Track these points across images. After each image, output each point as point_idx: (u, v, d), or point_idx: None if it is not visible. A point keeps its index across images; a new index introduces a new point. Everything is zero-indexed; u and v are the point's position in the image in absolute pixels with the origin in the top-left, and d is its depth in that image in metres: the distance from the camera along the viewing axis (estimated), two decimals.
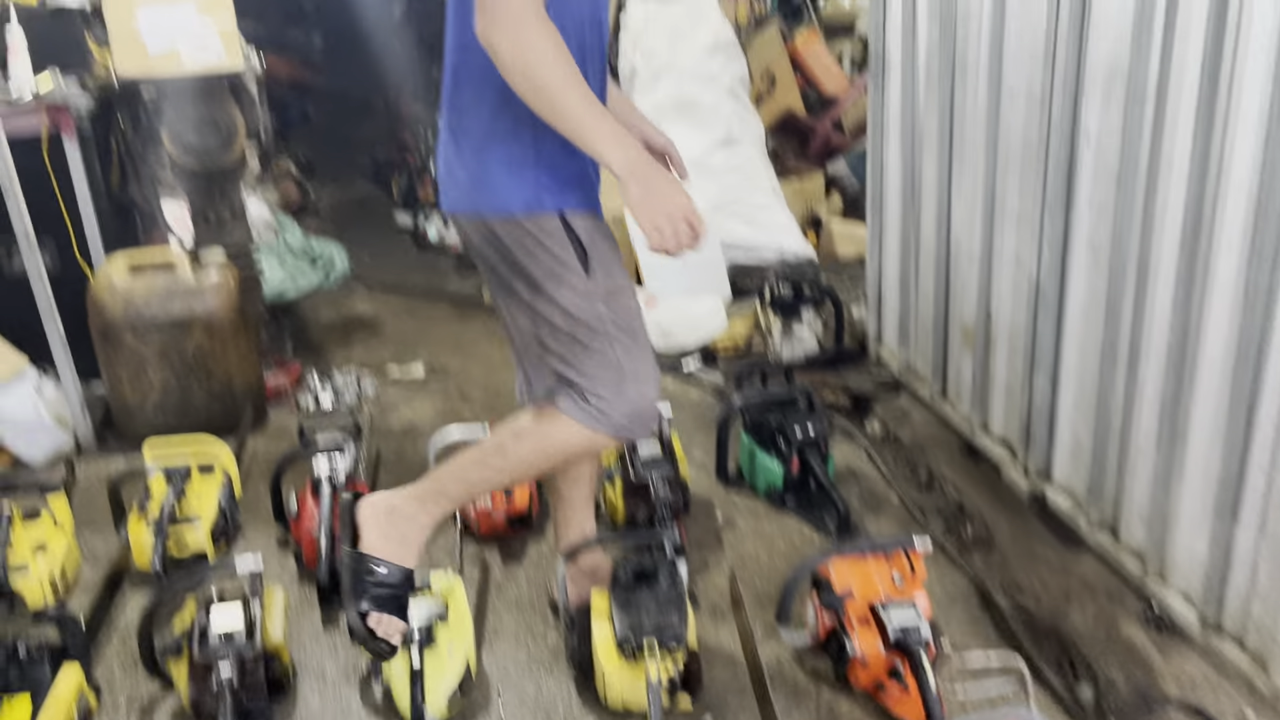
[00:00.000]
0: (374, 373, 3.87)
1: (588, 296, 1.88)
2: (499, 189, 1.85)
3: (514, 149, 1.85)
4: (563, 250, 1.88)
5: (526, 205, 1.86)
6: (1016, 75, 2.66)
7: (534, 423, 1.96)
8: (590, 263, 1.88)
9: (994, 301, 2.89)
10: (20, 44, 3.31)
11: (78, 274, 3.36)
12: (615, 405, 1.89)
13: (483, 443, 2.02)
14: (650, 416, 1.94)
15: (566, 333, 1.90)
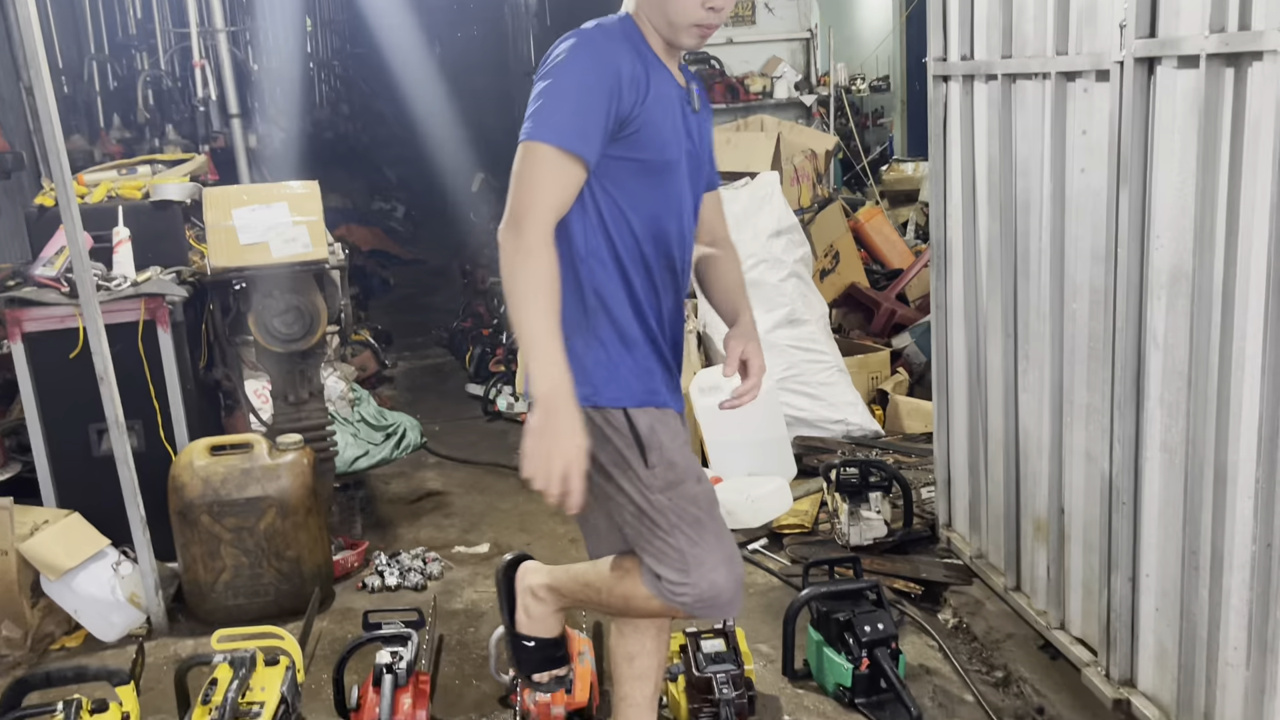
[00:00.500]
0: (441, 553, 3.88)
1: (649, 488, 1.95)
2: (574, 378, 1.88)
3: (589, 342, 1.97)
4: (624, 443, 1.96)
5: (592, 397, 1.94)
6: (1079, 271, 2.68)
7: (628, 575, 2.05)
8: (649, 456, 1.95)
9: (1066, 495, 2.83)
10: (125, 238, 3.54)
11: (162, 455, 3.48)
12: (683, 589, 1.95)
13: (594, 569, 2.14)
14: (724, 601, 1.98)
15: (633, 518, 1.98)
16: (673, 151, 1.96)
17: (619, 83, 1.82)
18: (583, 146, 1.80)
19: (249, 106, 6.62)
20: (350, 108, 12.79)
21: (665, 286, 2.04)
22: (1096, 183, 2.54)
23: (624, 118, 1.85)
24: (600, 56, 1.83)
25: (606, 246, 1.95)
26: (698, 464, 2.06)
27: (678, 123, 1.98)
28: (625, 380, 1.96)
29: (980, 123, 3.13)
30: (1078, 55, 2.57)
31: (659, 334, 2.05)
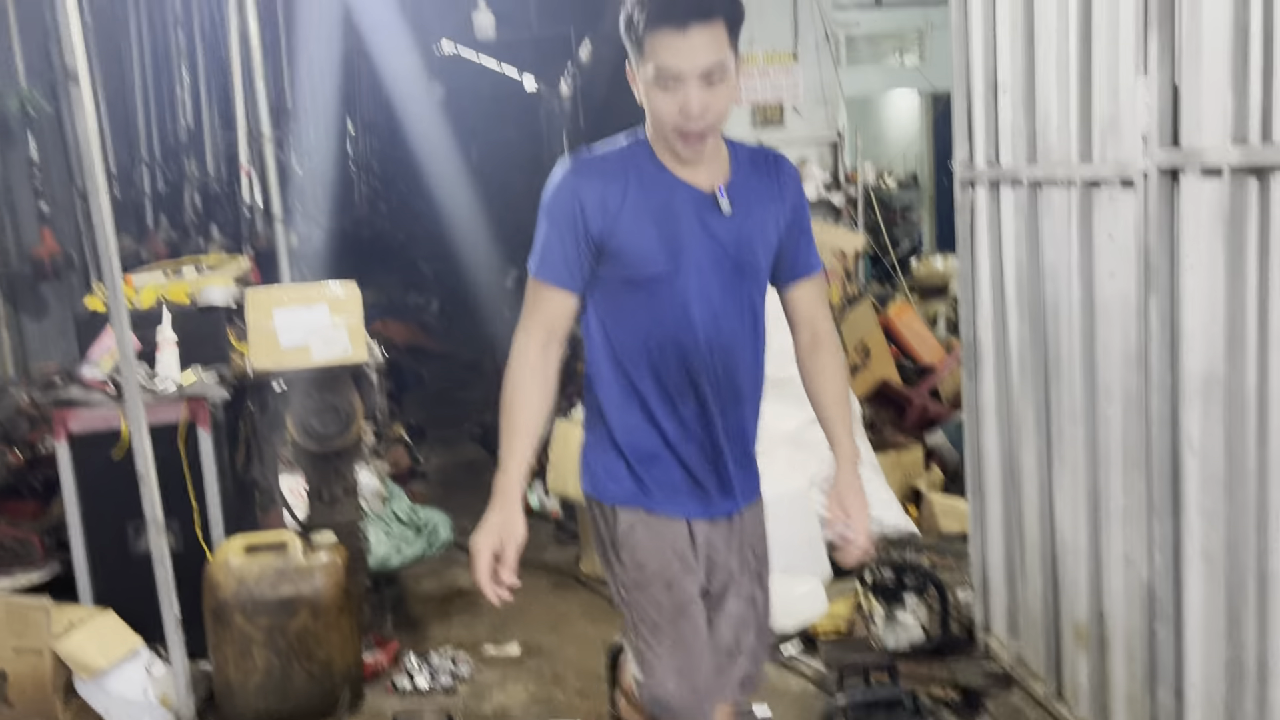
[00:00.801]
0: (470, 652, 3.86)
1: (620, 583, 2.10)
2: (583, 466, 2.14)
3: (595, 442, 2.13)
4: (607, 536, 2.11)
5: (590, 490, 2.13)
6: (1111, 375, 2.69)
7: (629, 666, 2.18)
8: (620, 553, 2.08)
9: (1106, 601, 2.79)
10: (170, 340, 3.63)
11: (198, 553, 3.51)
12: (642, 688, 2.08)
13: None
14: (676, 710, 2.04)
15: (620, 606, 2.13)
16: (661, 265, 1.99)
17: (580, 212, 1.96)
18: (551, 275, 2.00)
19: (291, 207, 6.82)
20: (388, 206, 13.11)
21: (684, 395, 2.05)
22: (1125, 288, 2.56)
23: (596, 241, 1.98)
24: (562, 191, 1.99)
25: (608, 360, 2.06)
26: (676, 572, 2.06)
27: (682, 230, 1.99)
28: (620, 479, 2.08)
29: (1008, 227, 3.17)
30: (1102, 164, 2.62)
31: (681, 441, 2.07)
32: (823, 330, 2.21)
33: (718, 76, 1.89)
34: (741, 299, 2.07)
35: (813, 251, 2.17)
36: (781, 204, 2.09)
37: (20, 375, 5.50)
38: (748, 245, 2.04)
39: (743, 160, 2.08)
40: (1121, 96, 2.51)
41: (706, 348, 2.04)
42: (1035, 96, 2.94)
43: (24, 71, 5.78)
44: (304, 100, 8.33)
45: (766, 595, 2.27)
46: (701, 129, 1.92)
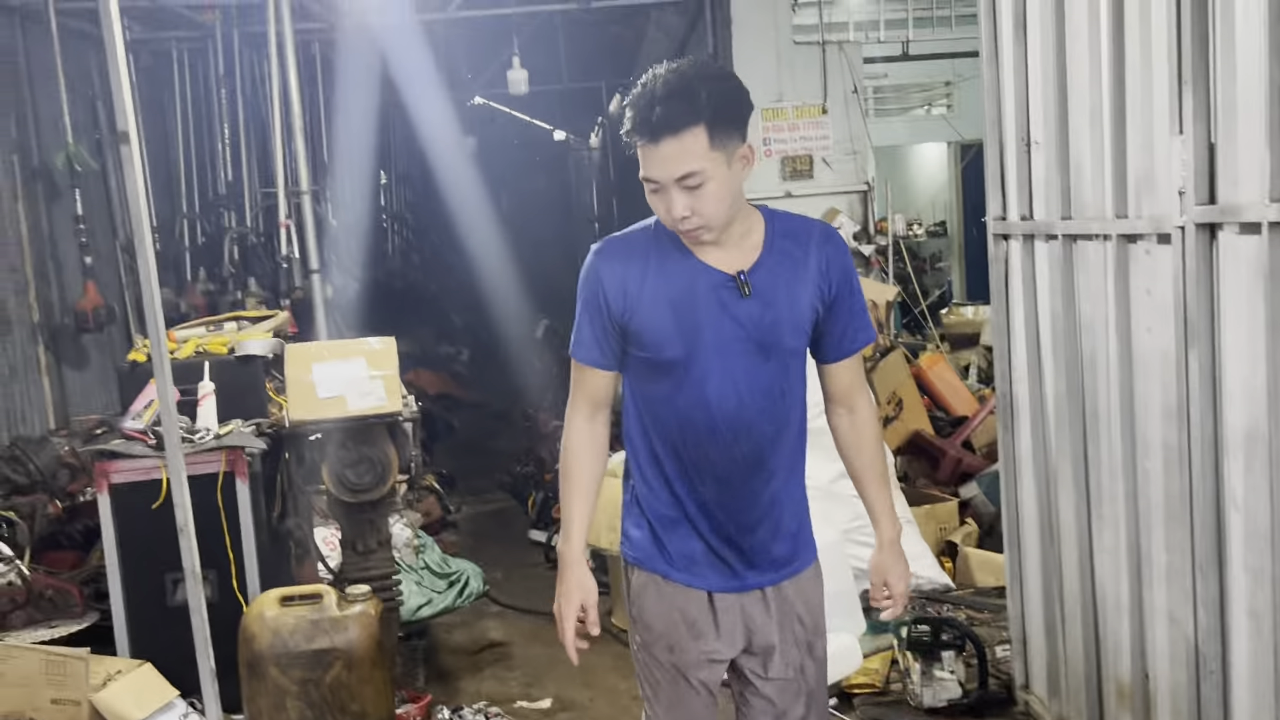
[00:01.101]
0: (502, 706, 3.84)
1: (632, 638, 2.20)
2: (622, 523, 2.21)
3: (629, 495, 2.20)
4: (626, 590, 2.19)
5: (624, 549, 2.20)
6: (1151, 429, 2.66)
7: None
8: (630, 609, 2.17)
9: (1150, 659, 2.74)
10: (209, 392, 3.68)
11: (234, 604, 3.53)
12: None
13: None
14: None
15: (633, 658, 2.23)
16: (677, 349, 2.01)
17: (604, 295, 2.05)
18: (584, 355, 2.11)
19: (327, 260, 6.93)
20: (420, 257, 13.27)
21: (703, 474, 2.08)
22: (1164, 342, 2.55)
23: (619, 323, 2.05)
24: (588, 274, 2.08)
25: (638, 428, 2.14)
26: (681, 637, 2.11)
27: (700, 314, 2.00)
28: (642, 543, 2.15)
29: (1042, 280, 3.17)
30: (1138, 219, 2.62)
31: (700, 515, 2.10)
32: (861, 408, 2.21)
33: (696, 181, 1.90)
34: (770, 379, 2.06)
35: (860, 326, 2.14)
36: (821, 281, 2.05)
37: (61, 426, 5.59)
38: (772, 328, 2.03)
39: (777, 238, 2.05)
40: (1156, 152, 2.52)
41: (727, 430, 2.05)
42: (1069, 151, 2.95)
43: (71, 128, 5.95)
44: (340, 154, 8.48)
45: (818, 665, 2.23)
46: (691, 228, 1.95)
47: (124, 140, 3.08)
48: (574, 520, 2.12)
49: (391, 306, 9.54)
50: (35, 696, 3.19)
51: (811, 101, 7.08)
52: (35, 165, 5.90)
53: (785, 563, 2.15)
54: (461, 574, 4.96)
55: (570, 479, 2.14)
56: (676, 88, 1.87)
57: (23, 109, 5.86)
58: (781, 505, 2.13)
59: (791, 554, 2.17)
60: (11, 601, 3.66)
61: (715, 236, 2.00)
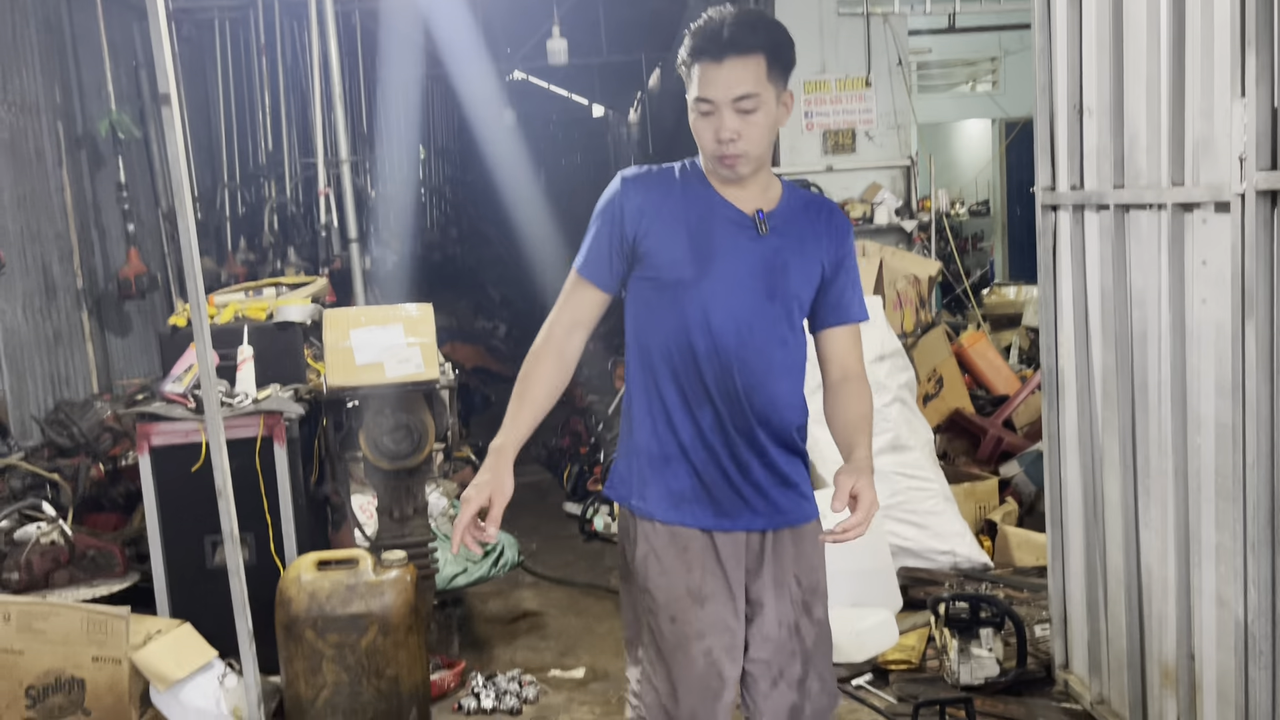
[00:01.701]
0: (536, 675, 3.84)
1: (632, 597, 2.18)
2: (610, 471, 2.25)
3: (625, 451, 2.21)
4: (624, 540, 2.18)
5: (608, 487, 2.23)
6: (1203, 405, 2.59)
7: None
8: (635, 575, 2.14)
9: (1197, 641, 2.68)
10: (248, 356, 3.70)
11: (271, 568, 3.56)
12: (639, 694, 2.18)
13: None
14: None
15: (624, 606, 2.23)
16: (687, 270, 2.08)
17: (621, 216, 2.11)
18: (588, 271, 2.14)
19: (366, 230, 6.95)
20: (458, 231, 13.29)
21: (701, 403, 2.11)
22: (1219, 314, 2.47)
23: (631, 242, 2.11)
24: (610, 194, 2.14)
25: (637, 364, 2.15)
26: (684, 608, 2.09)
27: (715, 242, 2.08)
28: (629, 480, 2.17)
29: (1092, 252, 3.09)
30: (1195, 187, 2.54)
31: (696, 446, 2.12)
32: (854, 371, 2.23)
33: (751, 105, 2.00)
34: (771, 323, 2.11)
35: (858, 300, 2.22)
36: (829, 244, 2.15)
37: (104, 390, 5.66)
38: (782, 269, 2.10)
39: (794, 200, 2.17)
40: (1216, 117, 2.44)
41: (726, 358, 2.08)
42: (1124, 117, 2.87)
43: (114, 96, 5.99)
44: (380, 126, 8.49)
45: (818, 628, 2.19)
46: (735, 153, 2.03)
47: (165, 102, 3.08)
48: (516, 420, 2.09)
49: (429, 279, 9.56)
50: (76, 654, 3.23)
51: (855, 74, 6.97)
52: (79, 133, 5.95)
53: (782, 511, 2.15)
54: (497, 544, 4.97)
55: (527, 380, 2.11)
56: (743, 18, 2.02)
57: (67, 76, 5.90)
58: (780, 452, 2.14)
59: (790, 505, 2.16)
60: (54, 561, 3.71)
61: (750, 172, 2.07)
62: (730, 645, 2.13)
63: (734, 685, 2.16)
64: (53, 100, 5.71)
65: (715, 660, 2.11)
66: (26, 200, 5.32)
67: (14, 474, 4.10)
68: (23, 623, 3.25)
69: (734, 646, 2.13)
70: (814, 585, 2.20)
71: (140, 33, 6.51)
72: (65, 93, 5.85)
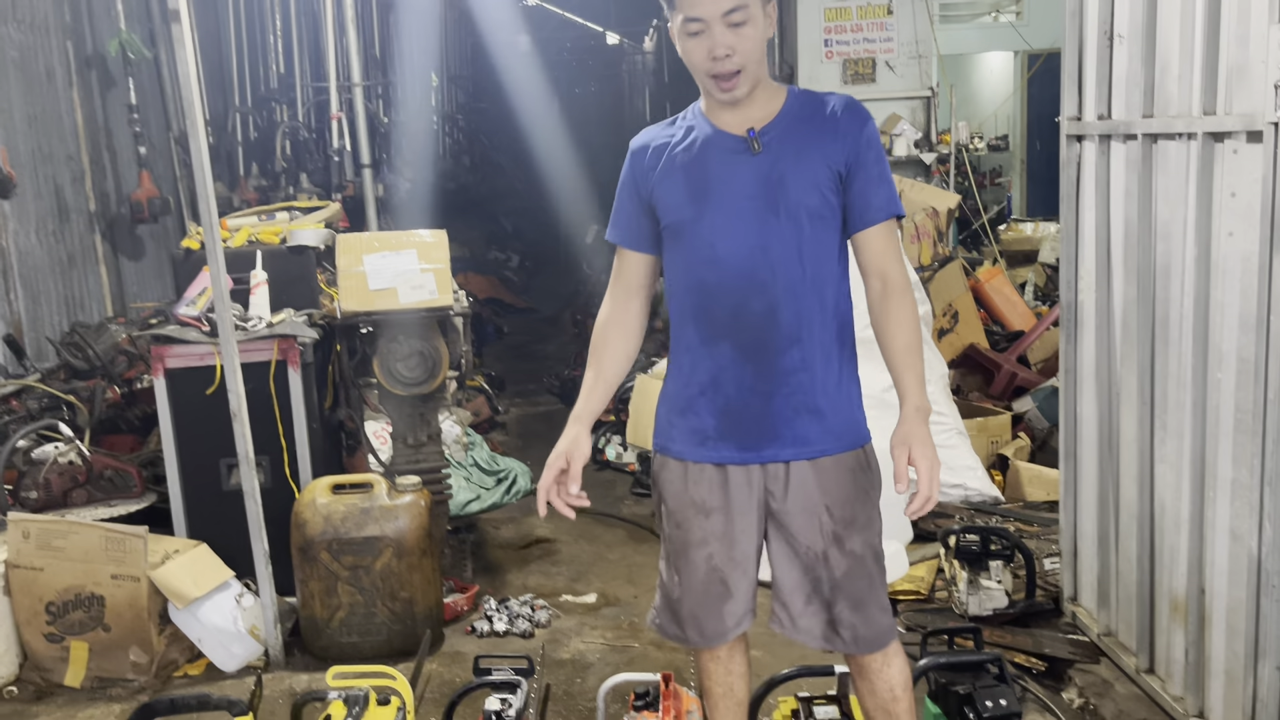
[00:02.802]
0: (548, 600, 3.89)
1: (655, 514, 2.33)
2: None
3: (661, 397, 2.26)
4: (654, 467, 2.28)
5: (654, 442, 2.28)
6: (1225, 339, 2.56)
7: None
8: (654, 488, 2.28)
9: (1208, 574, 2.68)
10: (262, 280, 3.69)
11: (286, 491, 3.59)
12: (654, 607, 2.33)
13: None
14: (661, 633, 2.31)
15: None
16: (686, 210, 2.09)
17: (633, 173, 2.18)
18: (617, 236, 2.24)
19: (378, 157, 6.88)
20: (471, 160, 13.17)
21: (720, 335, 2.10)
22: (1246, 247, 2.43)
23: (647, 199, 2.16)
24: (626, 160, 2.20)
25: (672, 314, 2.18)
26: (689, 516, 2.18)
27: (710, 174, 2.07)
28: (662, 428, 2.23)
29: (1117, 184, 3.04)
30: (1227, 115, 2.48)
31: (714, 384, 2.13)
32: (894, 279, 2.10)
33: (740, 17, 1.98)
34: (786, 239, 2.06)
35: (882, 196, 2.09)
36: (836, 143, 2.06)
37: (118, 314, 5.67)
38: (779, 183, 2.05)
39: (795, 105, 2.11)
40: (1252, 44, 2.37)
41: (738, 286, 2.07)
42: (1155, 45, 2.79)
43: (124, 16, 5.90)
44: (392, 51, 8.36)
45: (850, 560, 2.14)
46: (730, 69, 2.00)
47: (175, 19, 3.03)
48: (592, 391, 2.21)
49: (442, 208, 9.49)
50: (96, 571, 3.28)
51: (877, 1, 6.81)
52: (89, 53, 5.87)
53: (807, 441, 2.11)
54: (509, 472, 5.01)
55: (592, 353, 2.23)
56: None
57: None
58: (808, 377, 2.09)
59: (818, 435, 2.11)
60: (72, 480, 3.74)
61: (748, 89, 2.04)
62: (735, 557, 2.18)
63: (744, 596, 2.22)
64: (62, 19, 5.63)
65: (717, 567, 2.18)
66: (37, 120, 5.28)
67: (31, 395, 4.13)
68: (42, 540, 3.30)
69: (741, 559, 2.18)
70: (849, 517, 2.13)
71: None
72: (74, 11, 5.76)
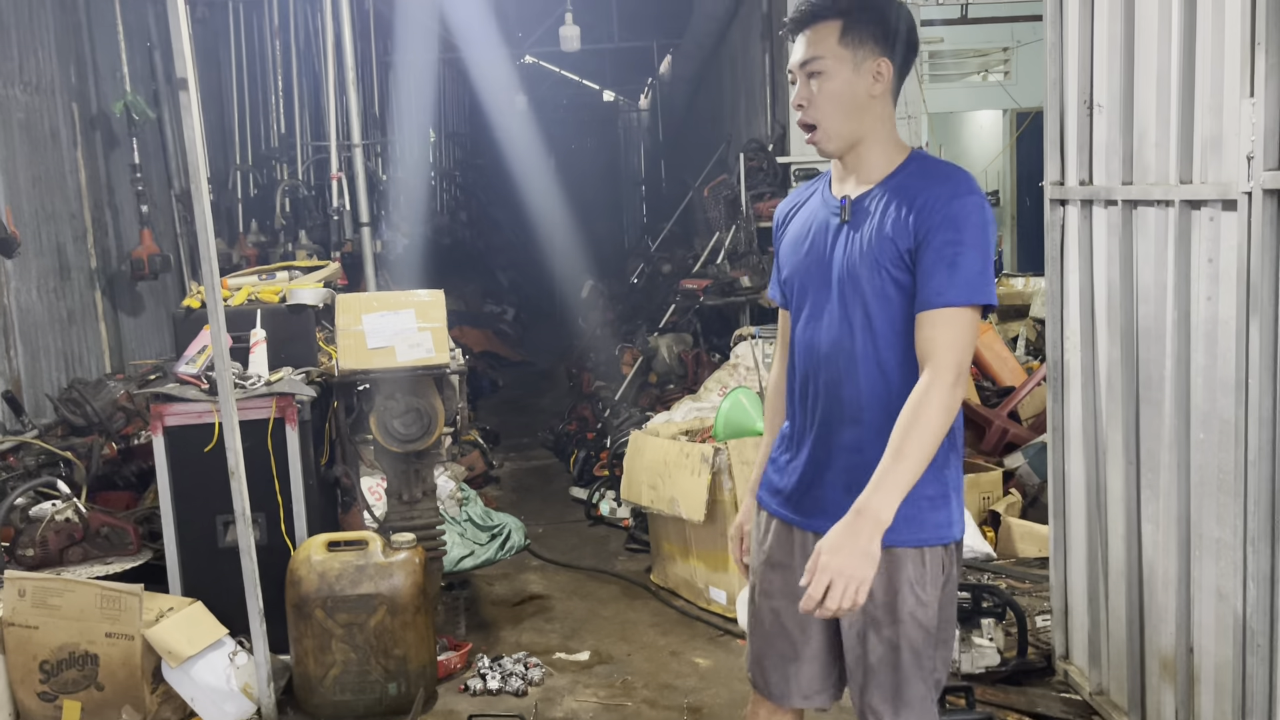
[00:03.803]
0: (542, 658, 3.89)
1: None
2: None
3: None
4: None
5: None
6: (1207, 401, 2.61)
7: None
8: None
9: (1196, 633, 2.71)
10: (261, 339, 3.74)
11: (281, 548, 3.60)
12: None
13: None
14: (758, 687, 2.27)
15: None
16: (789, 275, 2.16)
17: (778, 243, 2.24)
18: (772, 291, 2.28)
19: (377, 214, 6.98)
20: (468, 215, 13.32)
21: (797, 400, 2.16)
22: (1225, 312, 2.49)
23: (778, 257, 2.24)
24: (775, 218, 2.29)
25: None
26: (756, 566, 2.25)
27: (814, 242, 2.10)
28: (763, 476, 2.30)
29: (1100, 247, 3.11)
30: (1203, 184, 2.56)
31: (796, 446, 2.17)
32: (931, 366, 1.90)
33: (816, 68, 2.00)
34: (853, 315, 2.01)
35: (940, 280, 1.90)
36: (914, 220, 1.93)
37: (117, 370, 5.71)
38: (851, 260, 2.00)
39: (903, 174, 2.01)
40: (1225, 116, 2.45)
41: (809, 354, 2.11)
42: (1133, 114, 2.88)
43: (129, 78, 6.02)
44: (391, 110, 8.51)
45: (886, 648, 2.04)
46: (808, 121, 2.05)
47: (182, 86, 3.12)
48: (761, 455, 2.32)
49: (438, 263, 9.59)
50: (91, 630, 3.29)
51: None
52: (94, 114, 5.98)
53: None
54: (503, 527, 5.02)
55: (765, 420, 2.35)
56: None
57: (82, 57, 5.93)
58: (861, 459, 1.98)
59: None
60: (69, 537, 3.76)
61: (835, 147, 2.05)
62: (801, 620, 2.11)
63: (815, 666, 2.15)
64: (68, 81, 5.74)
65: (783, 624, 2.16)
66: (42, 180, 5.36)
67: (28, 451, 4.15)
68: (38, 598, 3.30)
69: (806, 623, 2.12)
70: (889, 605, 2.03)
71: (155, 14, 6.53)
72: (80, 74, 5.88)
